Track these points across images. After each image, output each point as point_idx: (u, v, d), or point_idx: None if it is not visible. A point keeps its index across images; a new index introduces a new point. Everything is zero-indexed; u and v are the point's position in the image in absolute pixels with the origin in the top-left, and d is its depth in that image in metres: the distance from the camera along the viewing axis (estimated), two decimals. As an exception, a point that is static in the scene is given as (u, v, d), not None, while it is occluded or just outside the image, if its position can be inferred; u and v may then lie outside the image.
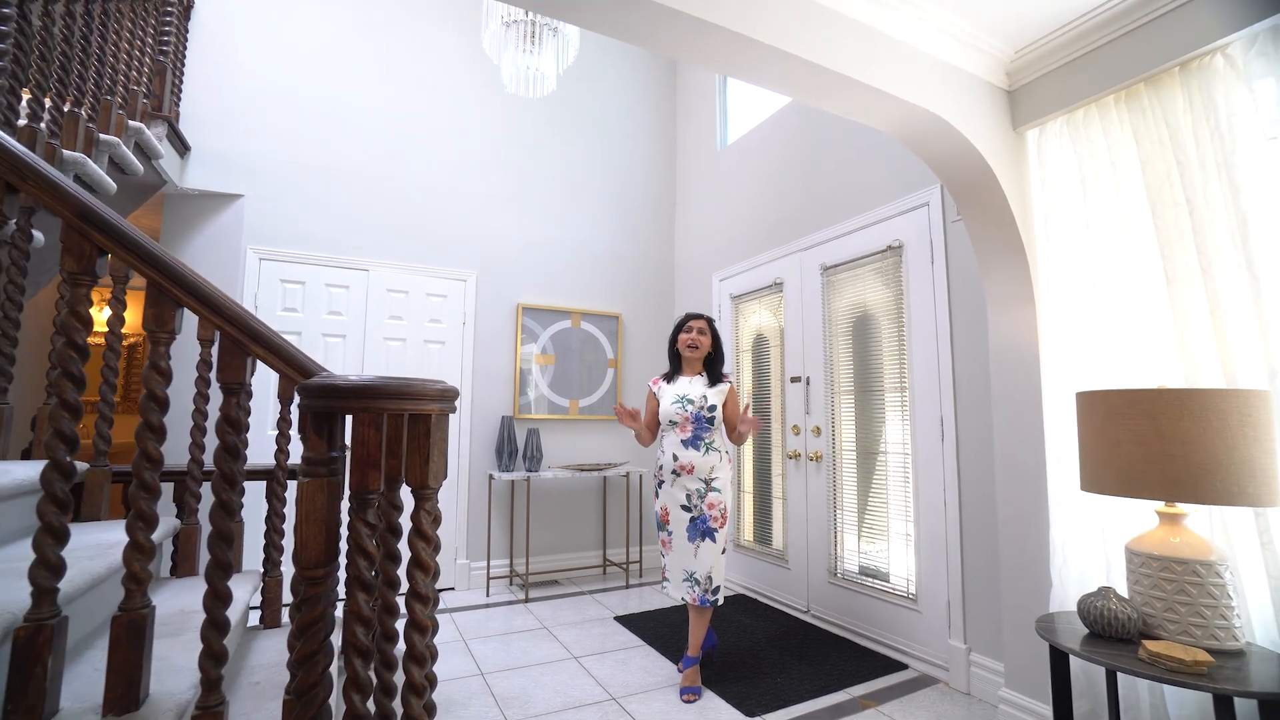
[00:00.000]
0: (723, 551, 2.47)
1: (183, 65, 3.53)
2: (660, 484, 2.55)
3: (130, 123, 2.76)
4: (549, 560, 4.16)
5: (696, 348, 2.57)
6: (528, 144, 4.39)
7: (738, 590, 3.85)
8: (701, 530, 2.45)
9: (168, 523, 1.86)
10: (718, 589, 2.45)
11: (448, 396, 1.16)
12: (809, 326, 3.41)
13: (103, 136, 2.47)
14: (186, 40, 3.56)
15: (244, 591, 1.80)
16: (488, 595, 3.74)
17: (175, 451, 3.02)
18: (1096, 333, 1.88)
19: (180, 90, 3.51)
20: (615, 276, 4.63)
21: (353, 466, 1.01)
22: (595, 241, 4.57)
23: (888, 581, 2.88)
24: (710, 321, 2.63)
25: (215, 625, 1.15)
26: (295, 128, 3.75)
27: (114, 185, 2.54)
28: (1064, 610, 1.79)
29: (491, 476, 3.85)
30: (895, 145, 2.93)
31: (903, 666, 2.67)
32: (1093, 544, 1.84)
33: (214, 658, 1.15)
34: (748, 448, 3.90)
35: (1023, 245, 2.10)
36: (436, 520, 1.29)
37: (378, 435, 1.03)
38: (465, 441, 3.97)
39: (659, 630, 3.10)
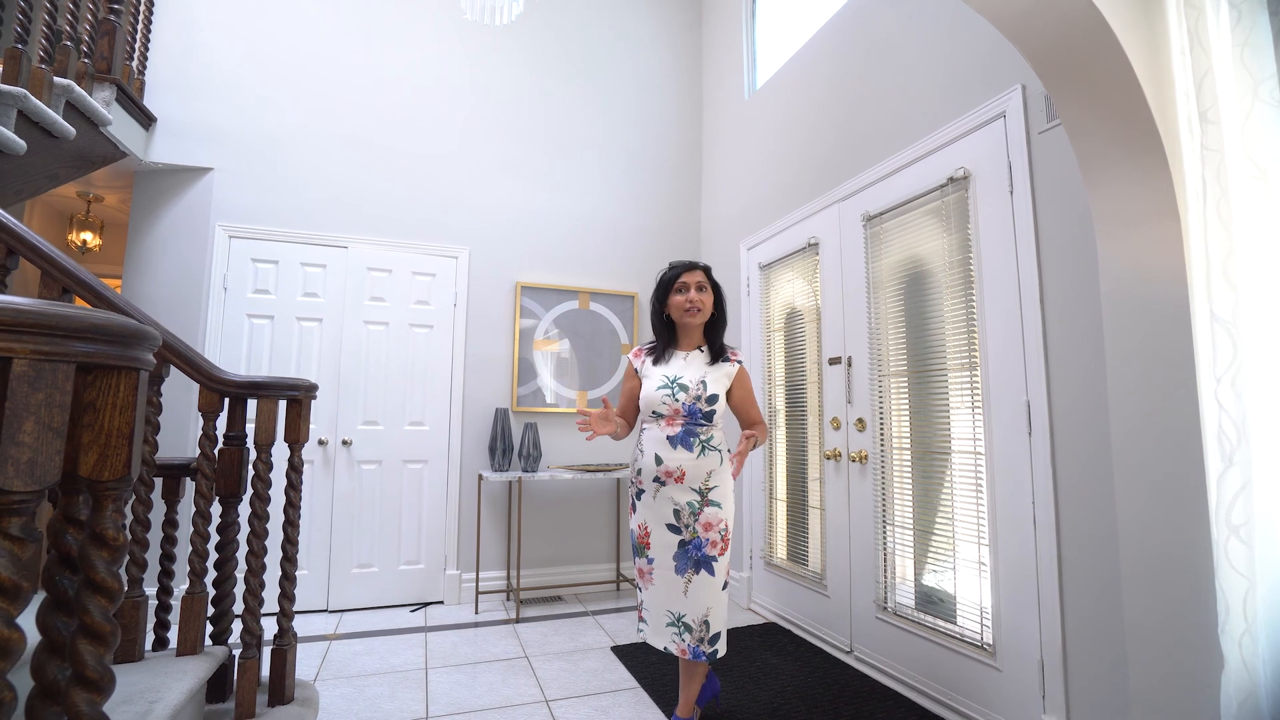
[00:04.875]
0: (724, 587, 1.85)
1: (149, 31, 3.26)
2: (639, 493, 1.95)
3: (57, 80, 2.47)
4: (551, 574, 3.64)
5: (699, 311, 1.93)
6: (528, 102, 3.90)
7: (766, 617, 3.19)
8: (695, 559, 1.84)
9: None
10: (717, 637, 1.82)
11: (94, 329, 0.64)
12: (850, 293, 2.72)
13: (5, 88, 2.18)
14: (152, 5, 3.29)
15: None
16: (476, 612, 3.27)
17: None
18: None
19: (146, 59, 3.25)
20: (630, 250, 4.06)
21: None
22: (607, 211, 4.02)
23: (954, 623, 2.16)
24: (708, 270, 1.98)
25: None
26: (266, 94, 3.42)
27: (22, 143, 2.24)
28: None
29: (481, 477, 3.38)
30: (953, 48, 2.21)
31: (976, 743, 1.96)
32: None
33: None
34: (779, 444, 3.24)
35: (1159, 132, 1.38)
36: (117, 547, 0.77)
37: None
38: (455, 436, 3.53)
39: (661, 669, 2.52)
